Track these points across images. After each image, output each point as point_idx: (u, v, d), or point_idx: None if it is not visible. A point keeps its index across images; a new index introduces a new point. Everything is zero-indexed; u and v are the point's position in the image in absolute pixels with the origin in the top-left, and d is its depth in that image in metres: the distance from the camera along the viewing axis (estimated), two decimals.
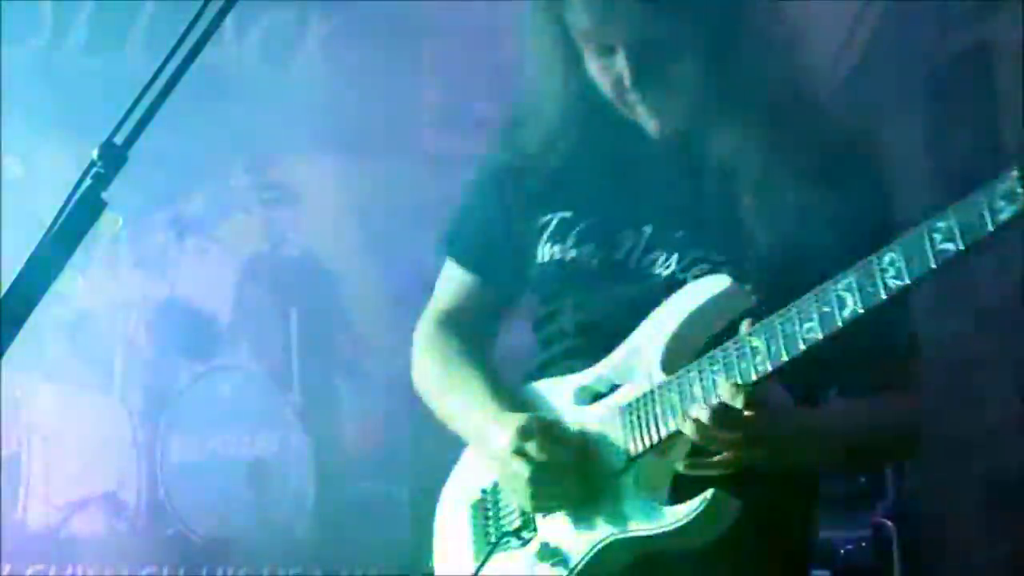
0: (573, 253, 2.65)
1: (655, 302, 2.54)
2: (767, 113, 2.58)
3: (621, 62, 2.61)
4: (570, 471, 2.51)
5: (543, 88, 2.74)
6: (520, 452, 2.49)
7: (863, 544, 4.16)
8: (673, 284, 2.55)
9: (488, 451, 2.62)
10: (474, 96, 5.05)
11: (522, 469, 2.48)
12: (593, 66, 2.66)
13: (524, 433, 2.49)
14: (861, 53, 4.65)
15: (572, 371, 2.63)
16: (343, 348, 4.95)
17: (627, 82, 2.60)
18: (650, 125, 2.64)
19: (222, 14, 2.23)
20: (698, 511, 2.39)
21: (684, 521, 2.40)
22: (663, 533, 2.43)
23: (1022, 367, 4.39)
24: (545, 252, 2.68)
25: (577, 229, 2.67)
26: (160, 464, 5.25)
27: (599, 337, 2.62)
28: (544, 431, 2.51)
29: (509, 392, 2.69)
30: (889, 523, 4.16)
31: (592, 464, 2.54)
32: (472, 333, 2.81)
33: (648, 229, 2.63)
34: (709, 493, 2.36)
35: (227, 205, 5.15)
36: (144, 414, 5.28)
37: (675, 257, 2.58)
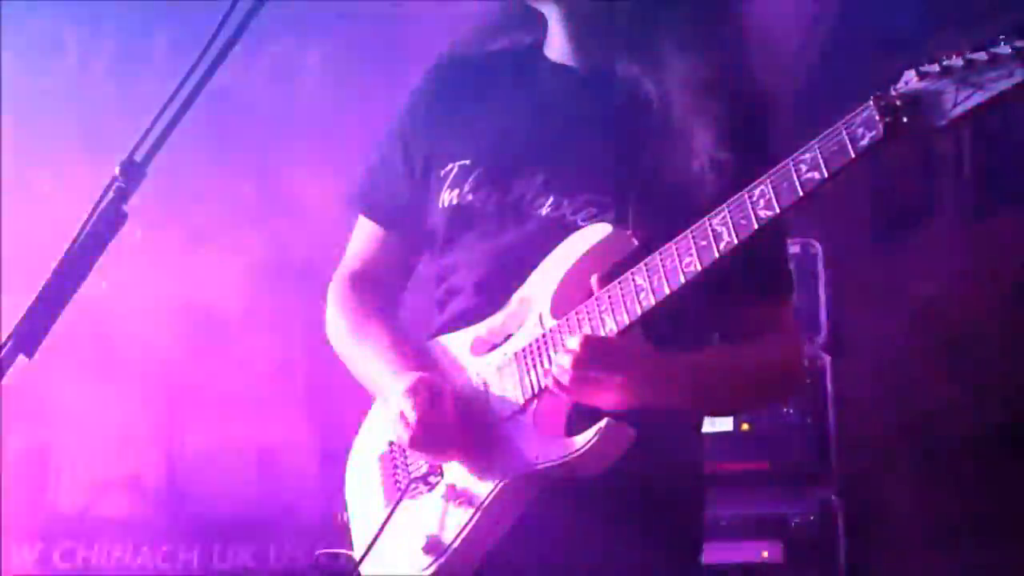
0: (469, 197, 2.55)
1: (546, 243, 2.47)
2: (686, 60, 2.49)
3: None
4: (451, 427, 2.44)
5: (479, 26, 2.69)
6: (402, 413, 2.43)
7: (811, 518, 4.12)
8: (564, 226, 2.48)
9: (387, 402, 2.54)
10: None
11: (402, 431, 2.41)
12: None
13: (406, 394, 2.43)
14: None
15: (470, 324, 2.53)
16: None
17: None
18: (560, 44, 2.59)
19: (230, 44, 2.26)
20: (595, 440, 2.33)
21: (583, 450, 2.34)
22: (564, 463, 2.36)
23: (951, 355, 4.41)
24: (444, 198, 2.60)
25: (474, 175, 2.57)
26: (178, 451, 5.27)
27: (489, 289, 2.53)
28: (427, 390, 2.45)
29: (414, 349, 2.59)
30: (835, 498, 4.14)
31: (490, 409, 2.46)
32: (383, 289, 2.72)
33: (542, 174, 2.52)
34: (603, 422, 2.32)
35: (237, 215, 5.10)
36: (163, 406, 5.26)
37: (565, 200, 2.48)
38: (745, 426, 4.19)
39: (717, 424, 4.03)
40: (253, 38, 2.24)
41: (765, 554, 4.10)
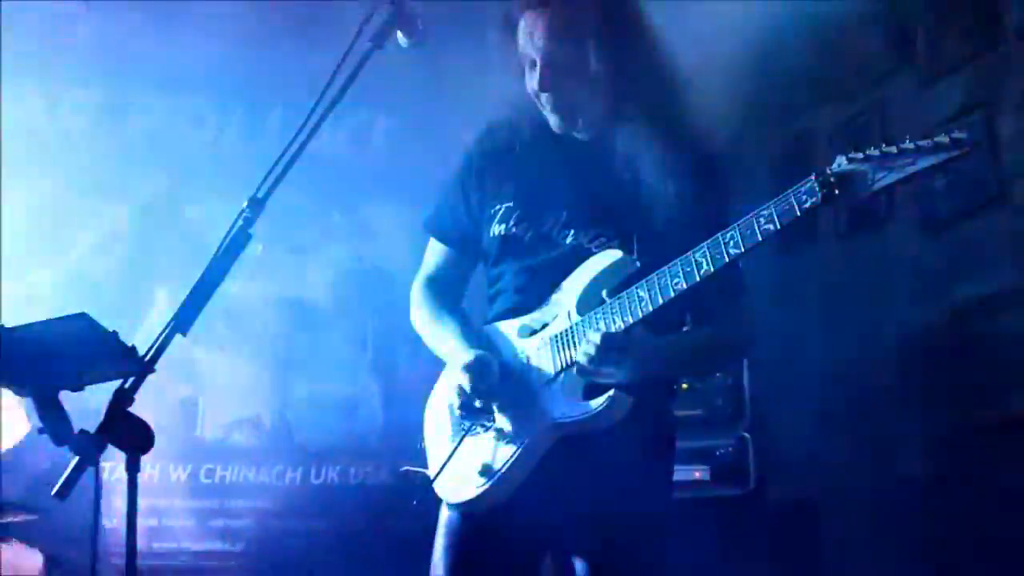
0: (513, 230, 2.55)
1: (569, 263, 2.46)
2: (652, 127, 2.44)
3: (536, 73, 2.47)
4: (494, 393, 2.43)
5: (503, 103, 2.60)
6: (457, 384, 2.42)
7: (730, 449, 4.09)
8: (581, 251, 2.47)
9: (454, 370, 2.50)
10: None
11: (456, 397, 2.43)
12: (526, 80, 2.52)
13: (464, 370, 2.42)
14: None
15: (515, 316, 2.55)
16: (401, 325, 5.05)
17: (537, 86, 2.48)
18: (553, 122, 2.53)
19: (323, 116, 2.25)
20: (605, 404, 2.34)
21: (596, 410, 2.34)
22: (583, 419, 2.36)
23: (831, 336, 4.39)
24: (495, 229, 2.57)
25: (516, 214, 2.56)
26: (286, 401, 5.25)
27: (530, 293, 2.49)
28: (479, 366, 2.43)
29: (475, 331, 2.55)
30: (746, 435, 4.10)
31: (530, 377, 2.46)
32: (450, 288, 2.68)
33: (564, 212, 2.48)
34: (612, 391, 2.33)
35: (328, 235, 5.09)
36: (276, 368, 5.25)
37: (583, 232, 2.45)
38: (685, 386, 4.10)
39: None
40: (338, 112, 2.23)
41: (697, 474, 4.07)
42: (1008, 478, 3.59)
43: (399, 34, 2.34)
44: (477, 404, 2.42)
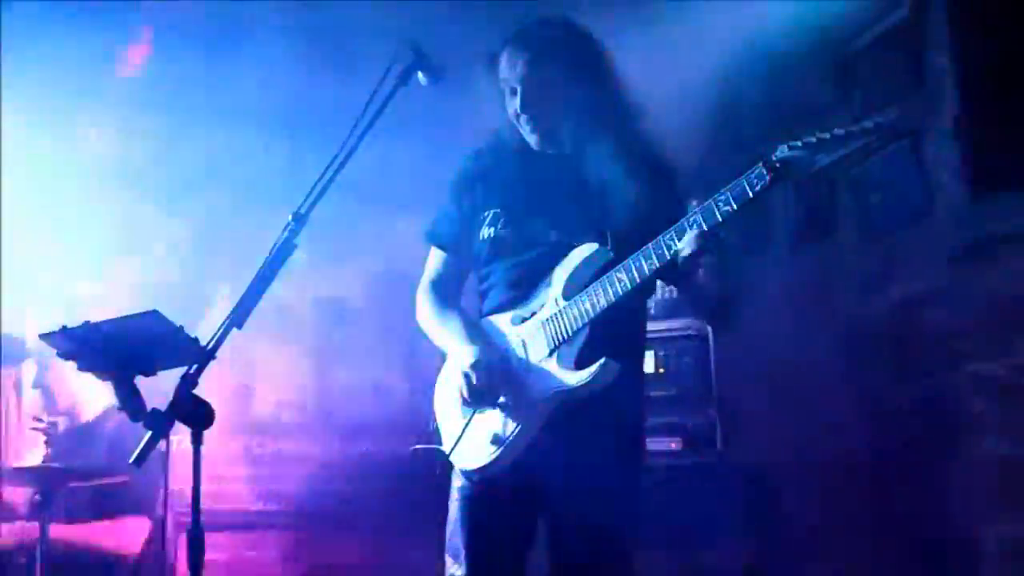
0: (501, 233, 2.51)
1: (552, 258, 2.45)
2: (615, 143, 2.44)
3: (516, 98, 2.47)
4: (499, 382, 2.41)
5: (493, 124, 2.60)
6: (467, 377, 2.41)
7: (699, 423, 4.09)
8: (562, 247, 2.45)
9: (459, 363, 2.47)
10: None
11: (464, 388, 2.41)
12: (507, 105, 2.53)
13: (471, 367, 2.41)
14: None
15: (509, 307, 2.48)
16: None
17: (517, 110, 2.50)
18: (532, 140, 2.53)
19: (357, 142, 2.26)
20: (596, 371, 2.34)
21: (588, 377, 2.34)
22: (578, 385, 2.35)
23: (783, 323, 4.37)
24: (484, 233, 2.56)
25: (503, 219, 2.55)
26: (325, 384, 5.23)
27: (519, 286, 2.49)
28: (484, 363, 2.41)
29: (473, 325, 2.54)
30: (714, 412, 4.09)
31: (528, 357, 2.44)
32: (449, 289, 2.66)
33: (545, 216, 2.48)
34: (602, 359, 2.34)
35: (361, 245, 5.04)
36: (317, 358, 5.25)
37: (564, 232, 2.44)
38: (661, 370, 4.13)
39: (644, 366, 3.98)
40: (370, 138, 2.25)
41: (673, 444, 4.06)
42: (933, 448, 3.59)
43: (419, 74, 2.37)
44: (484, 393, 2.40)
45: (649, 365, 4.09)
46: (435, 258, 2.70)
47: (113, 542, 3.50)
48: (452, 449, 2.44)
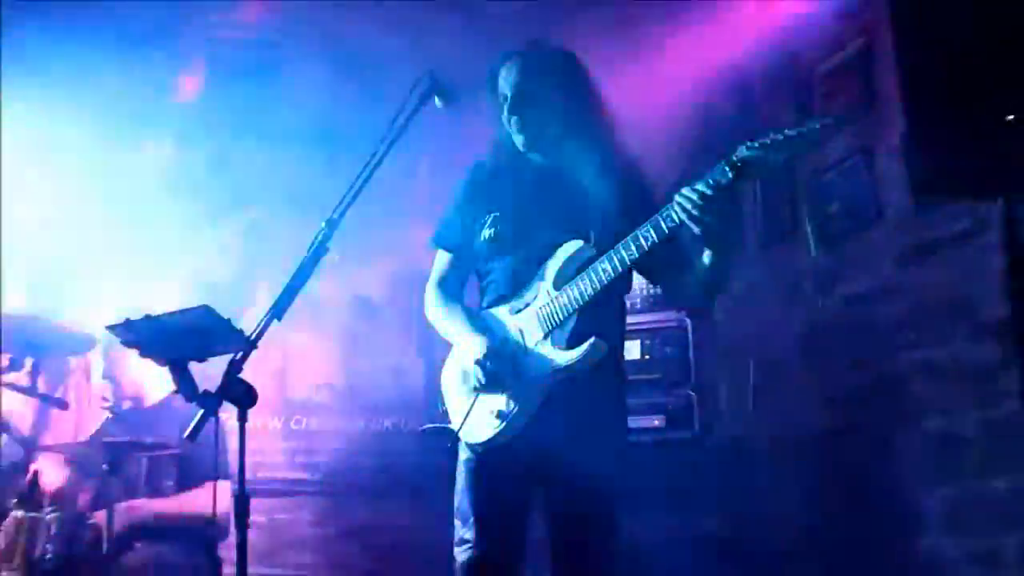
0: (500, 234, 2.54)
1: (544, 255, 2.47)
2: (596, 153, 2.45)
3: (508, 103, 2.49)
4: (506, 371, 2.40)
5: (492, 134, 2.61)
6: (479, 363, 2.41)
7: (679, 402, 4.08)
8: (553, 244, 2.45)
9: (466, 352, 2.46)
10: None
11: (479, 374, 2.41)
12: (503, 112, 2.53)
13: (480, 360, 2.40)
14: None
15: (508, 300, 2.53)
16: None
17: (508, 112, 2.50)
18: (519, 141, 2.52)
19: (382, 156, 2.32)
20: (587, 349, 2.35)
21: (580, 355, 2.35)
22: (572, 363, 2.36)
23: (751, 317, 4.38)
24: (484, 234, 2.56)
25: (501, 222, 2.54)
26: (353, 369, 5.23)
27: (516, 281, 2.52)
28: (491, 351, 2.41)
29: (477, 315, 2.58)
30: (692, 393, 4.10)
31: (525, 342, 2.45)
32: (454, 288, 2.65)
33: (537, 218, 2.52)
34: (592, 339, 2.35)
35: (385, 248, 5.02)
36: (345, 346, 5.24)
37: (555, 232, 2.45)
38: (647, 356, 4.15)
39: (631, 354, 4.02)
40: (393, 152, 2.30)
41: (656, 422, 4.08)
42: (883, 425, 3.64)
43: (436, 98, 2.43)
44: (496, 377, 2.40)
45: (635, 352, 4.11)
46: (441, 259, 2.69)
47: (177, 506, 3.61)
48: (460, 426, 2.43)
